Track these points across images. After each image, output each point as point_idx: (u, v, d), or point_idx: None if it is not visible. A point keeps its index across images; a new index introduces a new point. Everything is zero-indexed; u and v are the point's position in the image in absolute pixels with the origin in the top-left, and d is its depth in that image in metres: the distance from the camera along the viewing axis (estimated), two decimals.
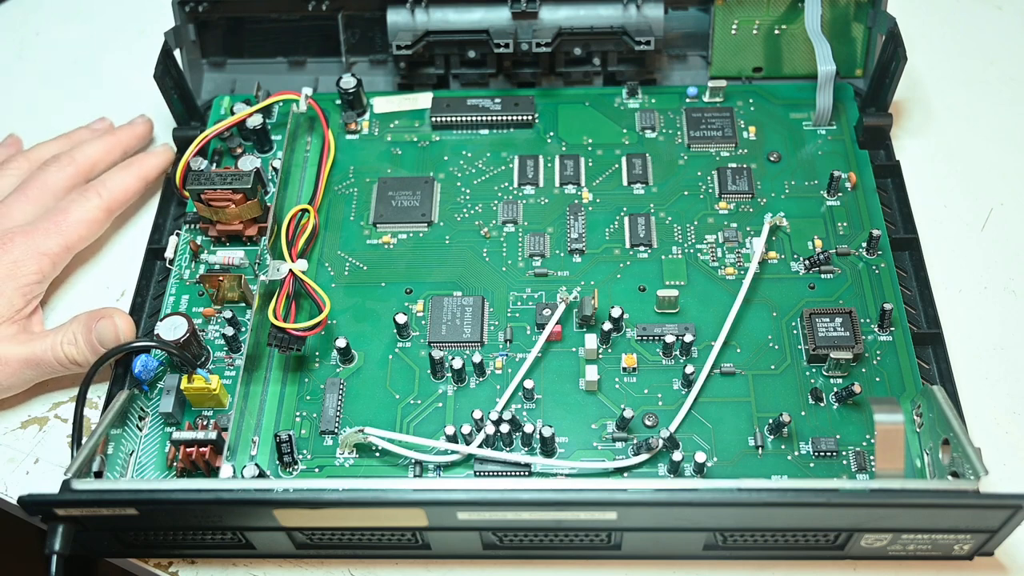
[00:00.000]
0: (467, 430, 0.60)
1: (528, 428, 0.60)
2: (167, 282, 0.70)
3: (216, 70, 0.83)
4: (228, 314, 0.66)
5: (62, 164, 0.73)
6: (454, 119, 0.77)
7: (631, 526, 0.55)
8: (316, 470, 0.61)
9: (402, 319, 0.65)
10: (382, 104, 0.79)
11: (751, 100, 0.78)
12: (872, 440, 0.60)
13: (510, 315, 0.67)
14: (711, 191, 0.73)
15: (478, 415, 0.60)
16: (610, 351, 0.65)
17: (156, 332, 0.62)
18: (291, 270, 0.65)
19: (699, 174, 0.74)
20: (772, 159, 0.74)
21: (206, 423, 0.63)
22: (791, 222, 0.70)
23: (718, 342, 0.64)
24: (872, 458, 0.59)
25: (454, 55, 0.80)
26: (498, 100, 0.78)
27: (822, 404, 0.62)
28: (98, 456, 0.58)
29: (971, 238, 0.73)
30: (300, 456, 0.61)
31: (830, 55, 0.74)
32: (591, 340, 0.64)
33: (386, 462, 0.61)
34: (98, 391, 0.66)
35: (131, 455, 0.62)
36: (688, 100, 0.78)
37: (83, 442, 0.57)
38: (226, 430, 0.61)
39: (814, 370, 0.63)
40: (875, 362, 0.63)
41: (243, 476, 0.59)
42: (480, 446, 0.60)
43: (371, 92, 0.80)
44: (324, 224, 0.72)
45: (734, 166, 0.73)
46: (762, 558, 0.58)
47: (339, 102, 0.78)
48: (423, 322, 0.67)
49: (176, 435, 0.60)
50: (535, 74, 0.81)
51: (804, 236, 0.70)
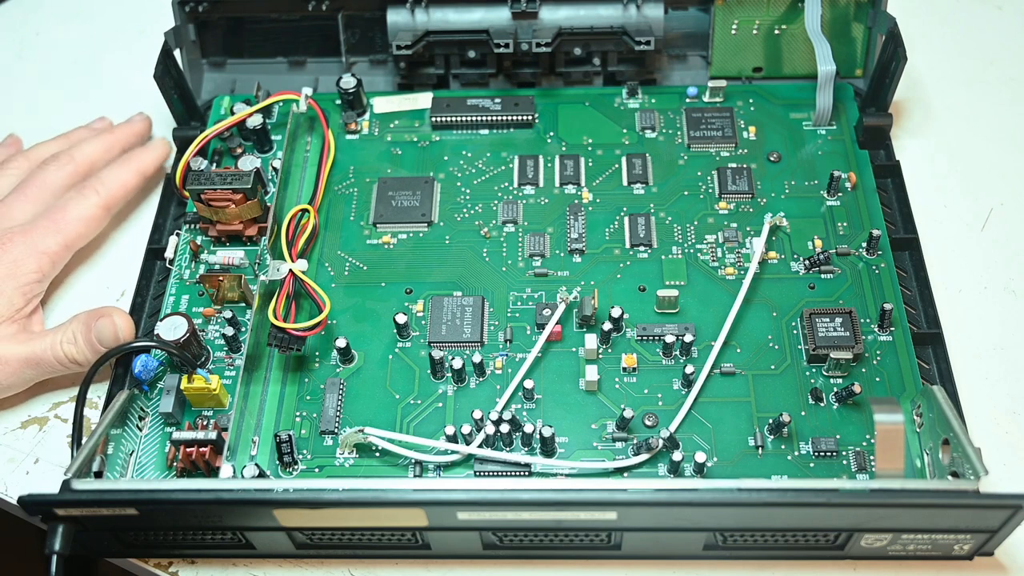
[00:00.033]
0: (467, 430, 0.60)
1: (528, 428, 0.60)
2: (167, 282, 0.70)
3: (216, 70, 0.83)
4: (228, 314, 0.66)
5: (61, 163, 0.73)
6: (454, 119, 0.77)
7: (631, 526, 0.55)
8: (316, 470, 0.61)
9: (402, 319, 0.65)
10: (382, 104, 0.79)
11: (751, 100, 0.78)
12: (872, 440, 0.60)
13: (510, 315, 0.67)
14: (711, 191, 0.73)
15: (478, 415, 0.60)
16: (610, 351, 0.65)
17: (156, 332, 0.62)
18: (291, 270, 0.65)
19: (699, 174, 0.74)
20: (772, 159, 0.74)
21: (206, 423, 0.63)
22: (791, 222, 0.70)
23: (718, 342, 0.64)
24: (872, 458, 0.59)
25: (454, 55, 0.80)
26: (498, 100, 0.77)
27: (822, 404, 0.62)
28: (98, 456, 0.58)
29: (971, 238, 0.73)
30: (300, 456, 0.61)
31: (830, 55, 0.74)
32: (591, 340, 0.64)
33: (386, 462, 0.61)
34: (98, 391, 0.66)
35: (131, 455, 0.62)
36: (688, 100, 0.78)
37: (83, 442, 0.57)
38: (226, 430, 0.61)
39: (814, 370, 0.63)
40: (875, 362, 0.63)
41: (243, 476, 0.59)
42: (480, 446, 0.60)
43: (371, 92, 0.80)
44: (324, 224, 0.72)
45: (734, 166, 0.73)
46: (762, 558, 0.58)
47: (339, 102, 0.78)
48: (423, 322, 0.67)
49: (176, 435, 0.60)
50: (535, 74, 0.81)
51: (804, 236, 0.70)
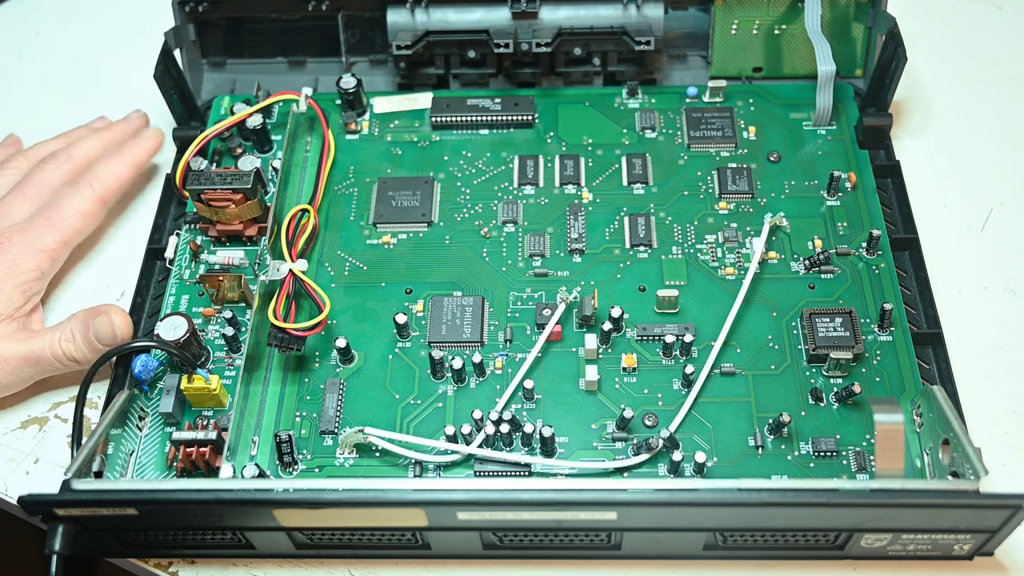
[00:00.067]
0: (467, 430, 0.60)
1: (528, 428, 0.60)
2: (167, 282, 0.70)
3: (216, 70, 0.83)
4: (228, 314, 0.66)
5: (59, 161, 0.73)
6: (454, 119, 0.77)
7: (631, 526, 0.55)
8: (316, 470, 0.61)
9: (402, 319, 0.65)
10: (382, 104, 0.79)
11: (751, 100, 0.78)
12: (872, 440, 0.60)
13: (510, 315, 0.67)
14: (711, 191, 0.73)
15: (478, 415, 0.60)
16: (610, 351, 0.65)
17: (156, 332, 0.62)
18: (291, 270, 0.65)
19: (699, 174, 0.74)
20: (772, 159, 0.74)
21: (206, 423, 0.63)
22: (791, 222, 0.70)
23: (718, 342, 0.64)
24: (872, 458, 0.59)
25: (454, 55, 0.80)
26: (498, 100, 0.77)
27: (822, 404, 0.62)
28: (98, 456, 0.58)
29: (971, 238, 0.73)
30: (300, 456, 0.61)
31: (830, 55, 0.74)
32: (591, 340, 0.64)
33: (386, 462, 0.61)
34: (98, 391, 0.66)
35: (131, 455, 0.62)
36: (688, 100, 0.78)
37: (83, 442, 0.57)
38: (226, 430, 0.61)
39: (814, 370, 0.63)
40: (875, 362, 0.63)
41: (243, 476, 0.59)
42: (480, 446, 0.60)
43: (371, 92, 0.80)
44: (324, 224, 0.72)
45: (734, 166, 0.73)
46: (762, 558, 0.58)
47: (339, 102, 0.78)
48: (423, 322, 0.67)
49: (176, 435, 0.60)
50: (535, 74, 0.81)
51: (804, 236, 0.70)
